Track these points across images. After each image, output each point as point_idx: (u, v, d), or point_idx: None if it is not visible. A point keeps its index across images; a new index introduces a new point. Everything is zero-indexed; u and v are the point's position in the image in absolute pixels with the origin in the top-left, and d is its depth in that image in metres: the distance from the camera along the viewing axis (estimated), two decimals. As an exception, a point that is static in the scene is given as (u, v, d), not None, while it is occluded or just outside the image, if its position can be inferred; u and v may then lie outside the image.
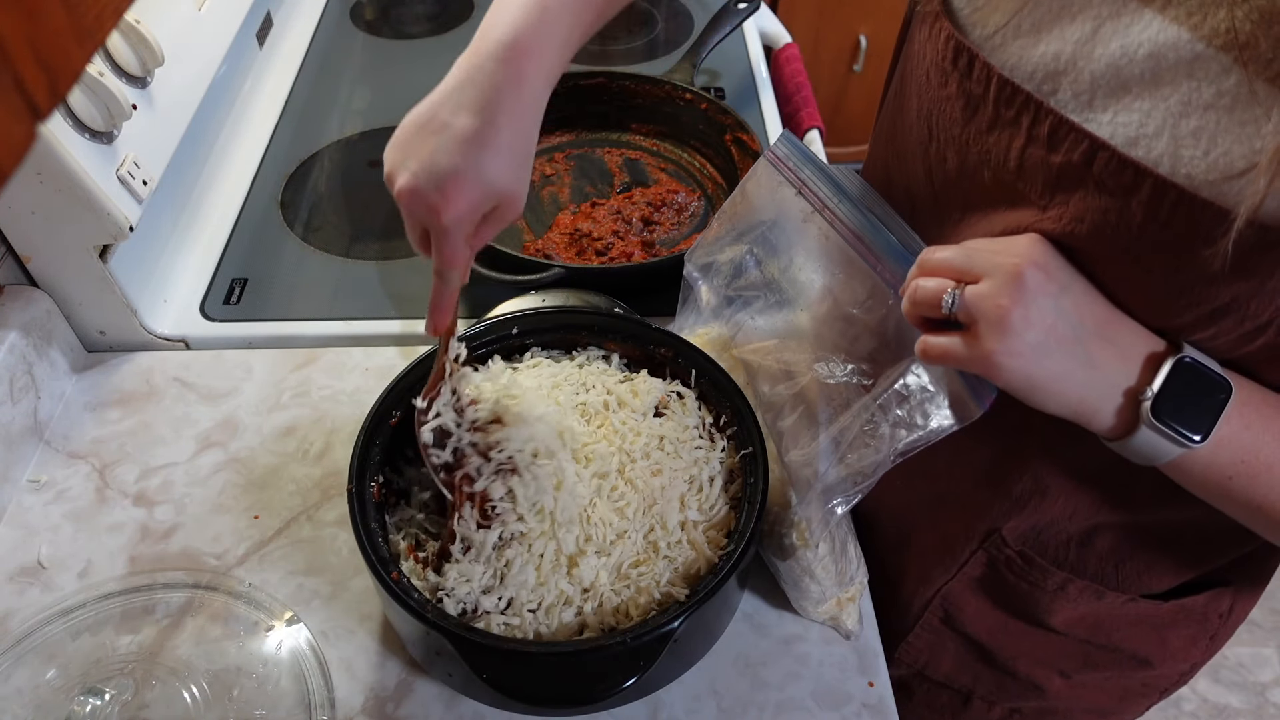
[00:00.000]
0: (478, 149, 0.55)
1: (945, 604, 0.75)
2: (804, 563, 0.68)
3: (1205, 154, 0.45)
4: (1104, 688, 0.78)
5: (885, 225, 0.64)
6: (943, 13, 0.56)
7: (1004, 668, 0.77)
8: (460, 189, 0.55)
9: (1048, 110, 0.50)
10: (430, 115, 0.56)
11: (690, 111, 1.10)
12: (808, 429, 0.66)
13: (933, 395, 0.59)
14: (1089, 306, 0.51)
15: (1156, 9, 0.47)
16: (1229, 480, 0.51)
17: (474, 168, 0.55)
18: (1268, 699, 1.74)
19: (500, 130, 0.55)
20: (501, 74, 0.55)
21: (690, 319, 0.77)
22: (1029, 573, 0.68)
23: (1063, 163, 0.50)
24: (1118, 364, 0.51)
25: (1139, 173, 0.47)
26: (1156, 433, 0.50)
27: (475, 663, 0.57)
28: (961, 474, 0.68)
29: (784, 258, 0.69)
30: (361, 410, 0.69)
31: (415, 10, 1.40)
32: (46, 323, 0.83)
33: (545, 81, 0.58)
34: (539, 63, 0.57)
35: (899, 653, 0.81)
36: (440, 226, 0.56)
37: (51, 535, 0.75)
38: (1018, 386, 0.51)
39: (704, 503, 0.66)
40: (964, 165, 0.57)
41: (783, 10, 2.18)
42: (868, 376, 0.64)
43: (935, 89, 0.57)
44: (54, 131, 0.72)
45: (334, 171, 1.10)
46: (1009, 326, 0.49)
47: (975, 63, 0.54)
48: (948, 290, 0.52)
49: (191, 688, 0.65)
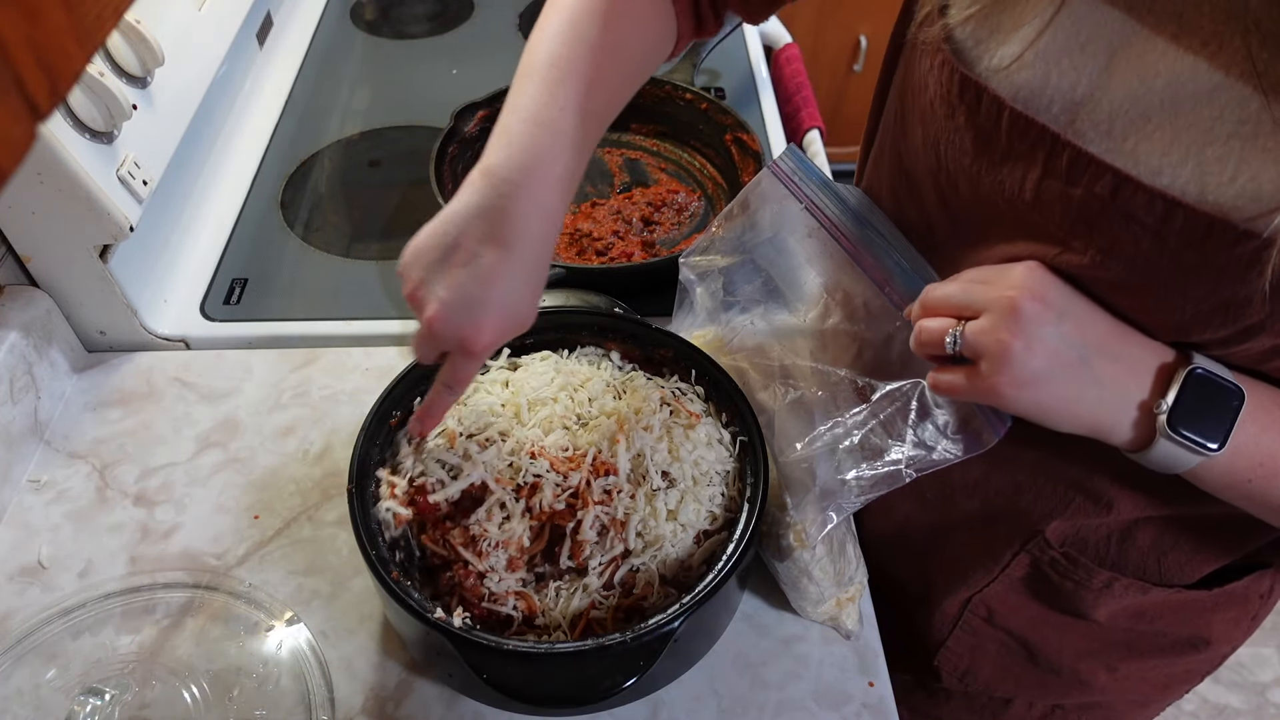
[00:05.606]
0: (506, 282, 0.55)
1: (987, 604, 0.74)
2: (801, 564, 0.68)
3: (1232, 180, 0.45)
4: (1148, 677, 0.78)
5: (891, 244, 0.64)
6: (944, 44, 0.55)
7: (1048, 665, 0.77)
8: (492, 322, 0.56)
9: (1065, 143, 0.50)
10: (454, 243, 0.56)
11: (690, 111, 1.10)
12: (803, 433, 0.66)
13: (944, 420, 0.61)
14: (1091, 326, 0.51)
15: (1168, 38, 0.46)
16: (1248, 483, 0.52)
17: (503, 301, 0.56)
18: (1268, 699, 1.74)
19: (525, 263, 0.56)
20: (521, 201, 0.55)
21: (686, 321, 0.77)
22: (1073, 572, 0.68)
23: (1084, 195, 0.50)
24: (1128, 380, 0.51)
25: (1169, 204, 0.46)
26: (1174, 444, 0.50)
27: (475, 663, 0.57)
28: (1002, 483, 0.68)
29: (786, 269, 0.69)
30: (361, 410, 0.69)
31: (415, 10, 1.40)
32: (47, 323, 0.83)
33: (563, 199, 0.58)
34: (557, 183, 0.57)
35: (938, 660, 0.80)
36: (474, 355, 0.58)
37: (52, 535, 0.75)
38: (1029, 414, 0.52)
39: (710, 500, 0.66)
40: (977, 194, 0.56)
41: (783, 10, 2.17)
42: (869, 389, 0.64)
43: (941, 120, 0.57)
44: (54, 131, 0.72)
45: (334, 171, 1.10)
46: (1011, 359, 0.50)
47: (984, 96, 0.53)
48: (949, 330, 0.53)
49: (191, 688, 0.65)
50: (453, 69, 1.27)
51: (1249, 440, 0.51)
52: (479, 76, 1.25)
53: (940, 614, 0.77)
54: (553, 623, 0.62)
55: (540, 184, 0.55)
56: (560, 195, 0.57)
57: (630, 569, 0.63)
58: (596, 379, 0.71)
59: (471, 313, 0.55)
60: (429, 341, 0.58)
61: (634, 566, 0.63)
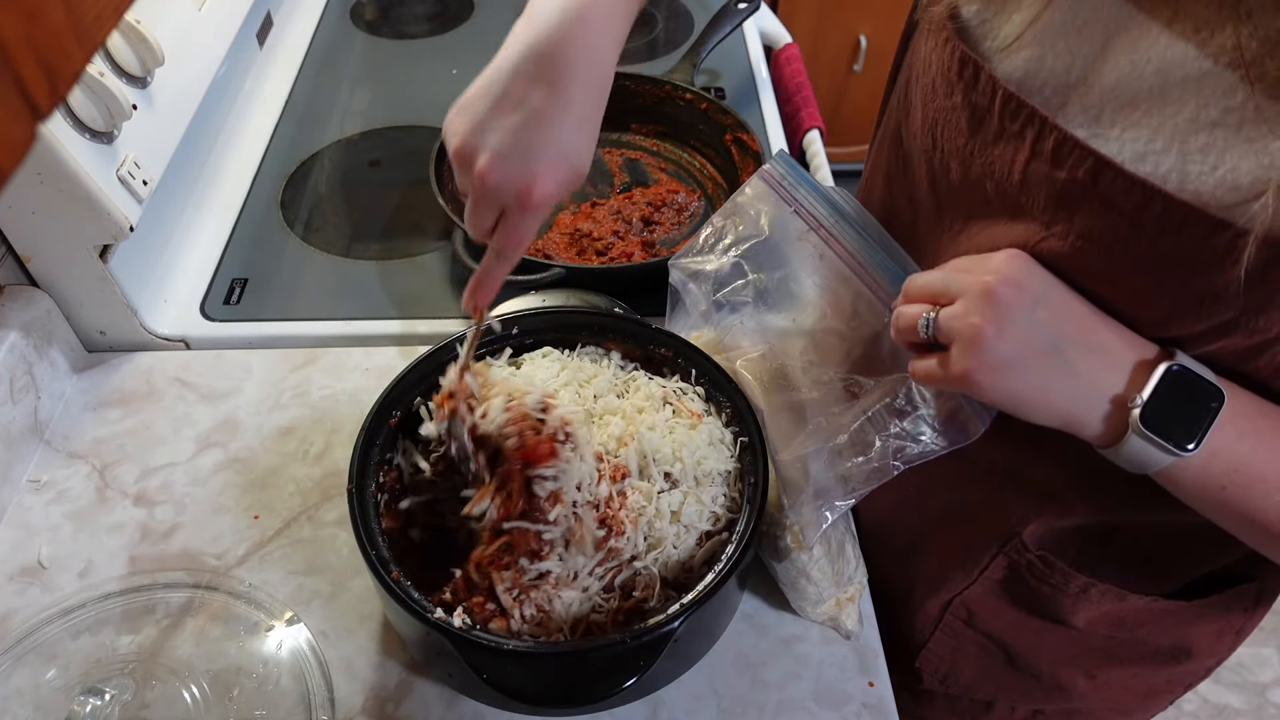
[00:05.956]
0: (560, 124, 0.53)
1: (967, 607, 0.74)
2: (799, 565, 0.68)
3: (1213, 169, 0.45)
4: (1129, 685, 0.77)
5: (882, 247, 0.65)
6: (949, 22, 0.55)
7: (1028, 669, 0.76)
8: (551, 168, 0.53)
9: (1052, 126, 0.50)
10: (502, 89, 0.53)
11: (690, 111, 1.10)
12: (797, 433, 0.66)
13: (930, 412, 0.61)
14: (1068, 315, 0.51)
15: (1163, 23, 0.46)
16: (1222, 490, 0.51)
17: (560, 145, 0.53)
18: (1268, 699, 1.74)
19: (578, 104, 0.53)
20: (570, 43, 0.53)
21: (679, 324, 0.77)
22: (1050, 576, 0.68)
23: (1067, 179, 0.50)
24: (1103, 372, 0.51)
25: (1147, 191, 0.47)
26: (1146, 441, 0.50)
27: (475, 663, 0.57)
28: (980, 481, 0.68)
29: (777, 270, 0.70)
30: (361, 410, 0.69)
31: (415, 10, 1.40)
32: (47, 323, 0.83)
33: (614, 45, 0.56)
34: (604, 27, 0.55)
35: (919, 661, 0.80)
36: (531, 207, 0.54)
37: (51, 535, 0.75)
38: (1000, 401, 0.52)
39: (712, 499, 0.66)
40: (967, 176, 0.57)
41: (783, 10, 2.18)
42: (859, 386, 0.64)
43: (941, 99, 0.57)
44: (54, 131, 0.72)
45: (334, 171, 1.10)
46: (983, 344, 0.50)
47: (981, 75, 0.53)
48: (923, 315, 0.53)
49: (191, 688, 0.65)
50: (453, 69, 1.27)
51: (1225, 445, 0.49)
52: (479, 76, 1.25)
53: (922, 615, 0.77)
54: (553, 625, 0.62)
55: (586, 23, 0.54)
56: (607, 35, 0.55)
57: (632, 572, 0.63)
58: (603, 375, 0.71)
59: (526, 159, 0.53)
60: (484, 200, 0.55)
61: (636, 569, 0.63)
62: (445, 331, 0.88)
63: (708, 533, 0.65)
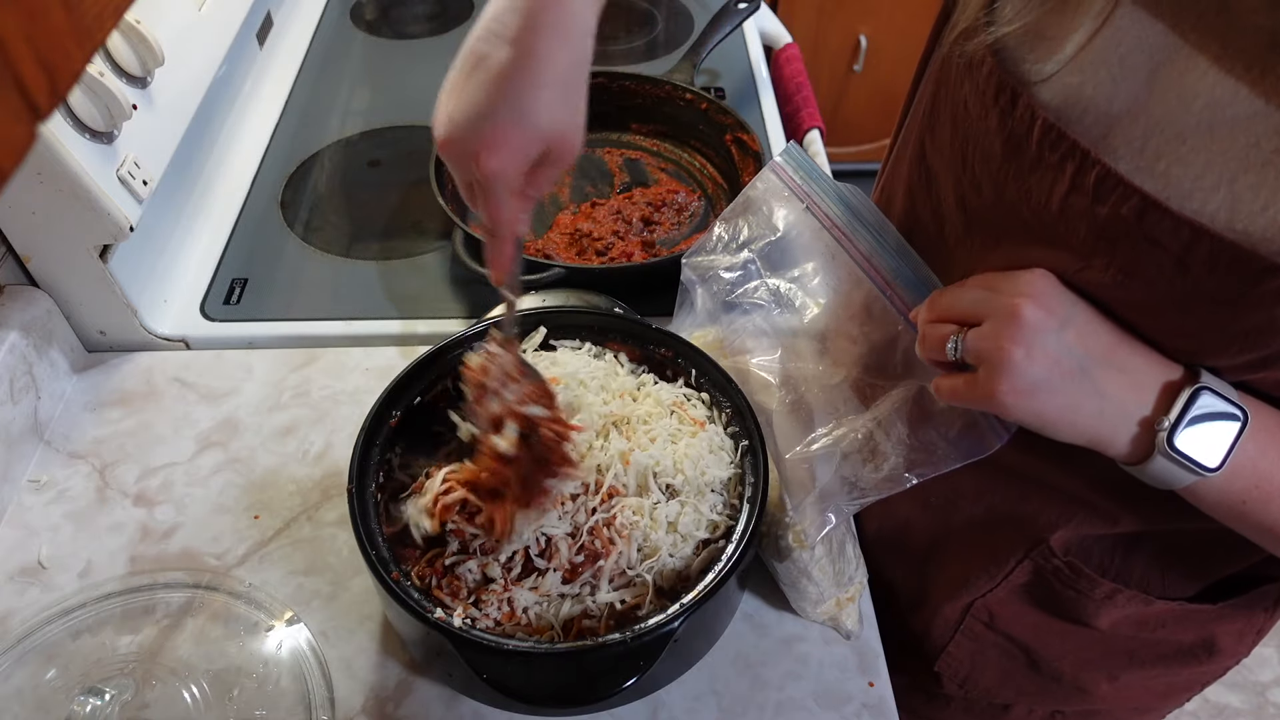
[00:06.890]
0: (518, 84, 0.49)
1: (988, 610, 0.74)
2: (800, 564, 0.68)
3: (1264, 209, 0.44)
4: (1150, 686, 0.77)
5: (895, 250, 0.64)
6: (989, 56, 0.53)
7: (1049, 672, 0.76)
8: (500, 134, 0.49)
9: (1095, 160, 0.49)
10: (469, 49, 0.50)
11: (690, 111, 1.10)
12: (803, 435, 0.66)
13: (946, 425, 0.60)
14: (1094, 336, 0.51)
15: (1210, 58, 0.45)
16: (1242, 504, 0.52)
17: (514, 107, 0.49)
18: (1268, 699, 1.74)
19: (541, 60, 0.49)
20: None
21: (687, 321, 0.77)
22: (1076, 581, 0.68)
23: (1109, 215, 0.49)
24: (1130, 393, 0.51)
25: (1195, 231, 0.46)
26: (1171, 461, 0.50)
27: (475, 663, 0.57)
28: (1008, 489, 0.67)
29: (789, 270, 0.69)
30: (361, 410, 0.69)
31: (415, 10, 1.40)
32: (46, 323, 0.83)
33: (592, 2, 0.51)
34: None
35: (939, 665, 0.80)
36: (486, 175, 0.51)
37: (51, 535, 0.75)
38: (1027, 422, 0.52)
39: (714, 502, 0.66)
40: (1001, 199, 0.55)
41: (783, 10, 2.18)
42: (870, 392, 0.64)
43: (974, 119, 0.55)
44: (54, 131, 0.72)
45: (334, 171, 1.10)
46: (1011, 366, 0.50)
47: (1019, 102, 0.52)
48: (951, 336, 0.53)
49: (191, 688, 0.65)
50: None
51: (1247, 462, 0.50)
52: (479, 76, 1.25)
53: (940, 618, 0.77)
54: (545, 625, 0.62)
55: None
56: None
57: (626, 580, 0.62)
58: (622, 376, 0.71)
59: (475, 125, 0.49)
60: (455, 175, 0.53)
61: (629, 579, 0.62)
62: (445, 331, 0.88)
63: (705, 540, 0.64)
